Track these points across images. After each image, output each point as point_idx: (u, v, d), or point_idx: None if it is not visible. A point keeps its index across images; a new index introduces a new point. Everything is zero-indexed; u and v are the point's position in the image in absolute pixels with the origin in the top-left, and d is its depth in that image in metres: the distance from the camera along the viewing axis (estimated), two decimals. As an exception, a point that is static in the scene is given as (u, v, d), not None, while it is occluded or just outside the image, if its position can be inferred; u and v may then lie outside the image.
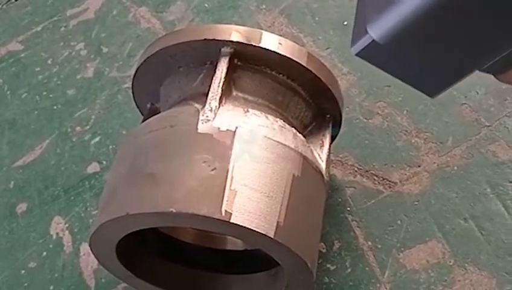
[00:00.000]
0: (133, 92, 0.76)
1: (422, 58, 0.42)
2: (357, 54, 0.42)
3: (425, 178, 0.81)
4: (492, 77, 0.44)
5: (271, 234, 0.56)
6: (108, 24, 1.05)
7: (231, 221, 0.55)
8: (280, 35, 0.67)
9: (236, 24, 0.89)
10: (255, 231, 0.56)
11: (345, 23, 0.97)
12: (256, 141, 0.60)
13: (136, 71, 0.72)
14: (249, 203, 0.57)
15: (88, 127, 0.94)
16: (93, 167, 0.90)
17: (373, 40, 0.40)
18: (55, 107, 0.97)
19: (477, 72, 0.43)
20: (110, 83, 0.98)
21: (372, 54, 0.41)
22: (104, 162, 0.90)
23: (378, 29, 0.40)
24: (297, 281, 0.65)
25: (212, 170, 0.57)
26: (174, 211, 0.55)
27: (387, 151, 0.84)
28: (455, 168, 0.81)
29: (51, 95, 0.99)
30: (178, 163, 0.58)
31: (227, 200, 0.56)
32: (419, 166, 0.82)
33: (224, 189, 0.56)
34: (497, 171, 0.80)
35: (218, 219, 0.55)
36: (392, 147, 0.84)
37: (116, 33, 1.04)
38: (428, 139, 0.84)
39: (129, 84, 0.75)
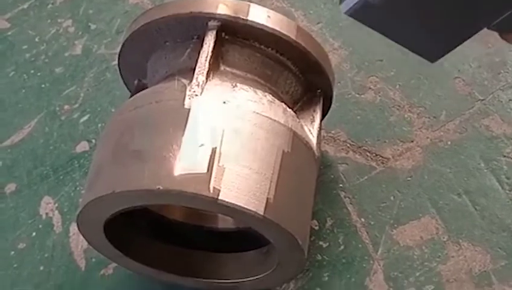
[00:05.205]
0: (119, 69, 0.75)
1: (420, 18, 0.38)
2: (347, 13, 0.38)
3: (418, 153, 0.80)
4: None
5: (261, 211, 0.55)
6: (96, 0, 1.03)
7: (219, 198, 0.54)
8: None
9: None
10: (244, 208, 0.55)
11: (337, -4, 0.95)
12: (244, 116, 0.59)
13: (122, 47, 0.70)
14: (237, 180, 0.55)
15: (77, 105, 0.92)
16: (82, 146, 0.88)
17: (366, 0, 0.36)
18: (43, 86, 0.95)
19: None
20: (98, 60, 0.97)
21: (364, 14, 0.37)
22: (93, 140, 0.88)
23: None
24: (289, 258, 0.64)
25: (200, 146, 0.56)
26: (161, 188, 0.54)
27: (380, 126, 0.83)
28: (448, 143, 0.80)
29: (38, 74, 0.97)
30: (164, 139, 0.57)
31: (215, 177, 0.55)
32: (412, 141, 0.81)
33: (212, 166, 0.55)
34: (491, 145, 0.79)
35: (206, 196, 0.54)
36: (385, 122, 0.83)
37: (104, 9, 1.02)
38: (421, 114, 0.83)
39: (117, 61, 0.74)
